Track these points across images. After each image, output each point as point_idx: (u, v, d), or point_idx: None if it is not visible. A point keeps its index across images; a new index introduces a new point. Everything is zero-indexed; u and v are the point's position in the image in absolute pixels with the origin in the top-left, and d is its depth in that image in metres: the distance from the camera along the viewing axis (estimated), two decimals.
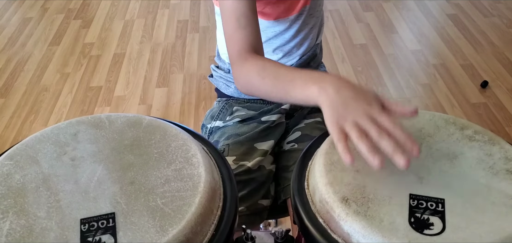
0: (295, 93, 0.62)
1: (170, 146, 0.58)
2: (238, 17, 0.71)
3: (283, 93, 0.65)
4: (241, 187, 0.82)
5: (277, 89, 0.65)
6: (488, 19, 2.59)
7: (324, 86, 0.57)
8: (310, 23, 0.92)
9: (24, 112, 2.02)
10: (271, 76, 0.66)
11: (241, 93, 0.94)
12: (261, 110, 0.92)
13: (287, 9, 0.88)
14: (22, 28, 2.65)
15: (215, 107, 0.98)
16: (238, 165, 0.84)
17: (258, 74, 0.67)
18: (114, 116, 0.63)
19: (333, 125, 0.54)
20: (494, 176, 0.55)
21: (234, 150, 0.86)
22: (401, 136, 0.51)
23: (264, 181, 0.86)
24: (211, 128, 0.95)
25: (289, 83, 0.63)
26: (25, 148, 0.58)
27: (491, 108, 1.96)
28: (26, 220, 0.49)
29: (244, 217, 0.82)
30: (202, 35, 2.54)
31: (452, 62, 2.25)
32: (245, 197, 0.82)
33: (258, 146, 0.88)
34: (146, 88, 2.15)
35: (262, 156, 0.86)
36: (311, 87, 0.59)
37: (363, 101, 0.54)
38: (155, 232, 0.47)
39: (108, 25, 2.67)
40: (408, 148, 0.50)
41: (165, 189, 0.52)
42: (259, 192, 0.85)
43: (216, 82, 0.99)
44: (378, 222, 0.49)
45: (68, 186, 0.53)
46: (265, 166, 0.87)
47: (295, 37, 0.91)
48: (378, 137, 0.51)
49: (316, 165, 0.58)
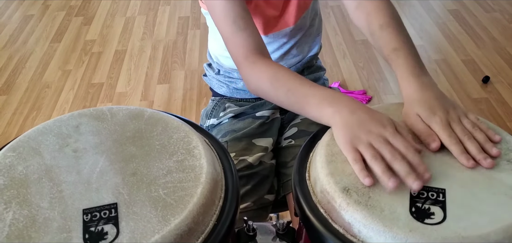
0: (309, 110, 0.62)
1: (172, 138, 0.59)
2: (234, 19, 0.70)
3: (297, 108, 0.65)
4: (244, 182, 0.83)
5: (291, 102, 0.65)
6: (489, 14, 2.59)
7: (339, 108, 0.58)
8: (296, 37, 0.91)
9: (26, 109, 2.02)
10: (285, 88, 0.65)
11: (234, 93, 0.94)
12: (253, 104, 0.92)
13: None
14: (24, 26, 2.66)
15: (209, 105, 0.98)
16: (238, 160, 0.84)
17: (271, 83, 0.66)
18: (116, 109, 0.63)
19: (347, 145, 0.54)
20: (495, 167, 0.55)
21: (233, 146, 0.86)
22: (414, 159, 0.52)
23: (267, 175, 0.86)
24: (207, 127, 0.95)
25: (303, 99, 0.63)
26: (28, 140, 0.58)
27: (493, 103, 1.96)
28: (29, 210, 0.49)
29: (252, 212, 0.82)
30: (203, 31, 2.54)
31: (454, 57, 2.25)
32: (250, 192, 0.83)
33: (257, 142, 0.88)
34: (148, 84, 2.15)
35: (262, 152, 0.86)
36: (326, 108, 0.59)
37: (377, 122, 0.55)
38: (157, 222, 0.48)
39: (110, 22, 2.67)
40: (421, 172, 0.51)
41: (167, 180, 0.52)
42: (264, 187, 0.85)
43: (209, 81, 0.99)
44: (379, 211, 0.49)
45: (70, 177, 0.53)
46: (266, 161, 0.87)
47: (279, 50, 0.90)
48: (392, 158, 0.51)
49: (317, 156, 0.58)
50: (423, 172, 0.51)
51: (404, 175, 0.50)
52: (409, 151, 0.52)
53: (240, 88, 0.93)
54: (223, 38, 0.73)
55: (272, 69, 0.67)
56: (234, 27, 0.70)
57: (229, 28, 0.70)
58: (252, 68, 0.69)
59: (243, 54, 0.70)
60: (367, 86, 2.09)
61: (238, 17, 0.70)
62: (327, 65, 2.23)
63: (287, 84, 0.65)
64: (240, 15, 0.70)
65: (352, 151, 0.53)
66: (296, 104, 0.64)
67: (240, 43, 0.70)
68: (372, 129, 0.54)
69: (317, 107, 0.60)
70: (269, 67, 0.68)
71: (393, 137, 0.54)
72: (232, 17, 0.70)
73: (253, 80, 0.69)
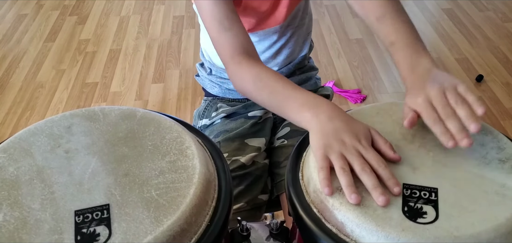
0: (289, 113, 0.62)
1: (165, 138, 0.58)
2: (220, 20, 0.70)
3: (278, 110, 0.65)
4: (237, 182, 0.83)
5: (272, 104, 0.65)
6: (483, 13, 2.60)
7: (317, 113, 0.58)
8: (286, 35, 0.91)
9: (20, 109, 2.01)
10: (267, 90, 0.65)
11: (226, 93, 0.94)
12: (245, 104, 0.92)
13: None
14: (17, 25, 2.64)
15: (201, 106, 0.98)
16: (231, 160, 0.84)
17: (254, 83, 0.67)
18: (108, 109, 0.63)
19: (319, 151, 0.54)
20: (487, 166, 0.55)
21: (226, 146, 0.86)
22: (384, 173, 0.52)
23: (261, 175, 0.86)
24: (200, 127, 0.95)
25: (284, 102, 0.63)
26: (19, 141, 0.58)
27: (487, 102, 1.97)
28: (20, 212, 0.48)
29: (245, 212, 0.82)
30: (198, 30, 2.54)
31: (448, 56, 2.26)
32: (243, 192, 0.82)
33: (250, 142, 0.88)
34: (142, 83, 2.15)
35: (255, 152, 0.86)
36: (305, 112, 0.59)
37: (352, 134, 0.55)
38: (149, 223, 0.47)
39: (104, 21, 2.66)
40: (390, 185, 0.51)
41: (160, 181, 0.52)
42: (257, 187, 0.85)
43: (202, 81, 0.99)
44: (372, 211, 0.49)
45: (62, 178, 0.53)
46: (259, 161, 0.87)
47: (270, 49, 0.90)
48: (361, 171, 0.52)
49: (310, 156, 0.58)
50: (393, 186, 0.51)
51: (371, 188, 0.50)
52: (380, 166, 0.52)
53: (232, 89, 0.93)
54: (211, 38, 0.73)
55: (256, 70, 0.68)
56: (220, 28, 0.70)
57: (216, 28, 0.71)
58: (238, 69, 0.69)
59: (229, 54, 0.70)
60: (362, 85, 2.10)
61: (224, 18, 0.70)
62: (322, 64, 2.23)
63: (270, 85, 0.65)
64: (226, 16, 0.70)
65: (322, 159, 0.53)
66: (278, 106, 0.64)
67: (226, 43, 0.70)
68: (346, 139, 0.54)
69: (297, 111, 0.61)
70: (253, 68, 0.68)
71: (366, 151, 0.54)
72: (218, 18, 0.70)
73: (237, 80, 0.70)
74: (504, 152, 0.57)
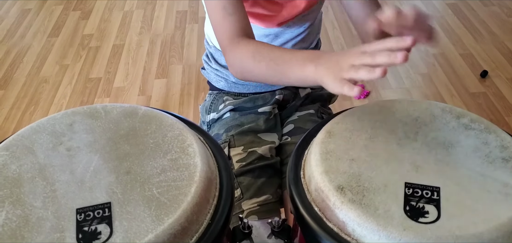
0: (292, 73, 0.63)
1: (166, 136, 0.58)
2: (224, 5, 0.71)
3: (280, 75, 0.65)
4: (258, 174, 0.82)
5: (273, 71, 0.66)
6: (488, 8, 2.58)
7: (320, 62, 0.59)
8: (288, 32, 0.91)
9: (24, 104, 2.02)
10: (267, 59, 0.66)
11: (232, 87, 0.94)
12: (251, 97, 0.92)
13: None
14: (21, 20, 2.64)
15: (207, 100, 0.98)
16: (248, 152, 0.84)
17: (253, 58, 0.68)
18: (110, 106, 0.63)
19: (335, 83, 0.56)
20: (490, 165, 0.55)
21: (240, 140, 0.86)
22: (391, 43, 0.53)
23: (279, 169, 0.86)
24: (209, 122, 0.95)
25: (285, 64, 0.64)
26: (21, 139, 0.58)
27: (491, 98, 1.95)
28: (22, 210, 0.49)
29: (271, 204, 0.81)
30: (201, 25, 2.53)
31: (452, 51, 2.24)
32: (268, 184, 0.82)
33: (263, 136, 0.88)
34: (146, 79, 2.15)
35: (270, 145, 0.86)
36: (308, 66, 0.60)
37: (350, 51, 0.57)
38: (151, 221, 0.47)
39: (107, 16, 2.66)
40: (402, 45, 0.52)
41: (161, 179, 0.52)
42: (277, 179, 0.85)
43: (207, 75, 0.98)
44: (373, 210, 0.49)
45: (64, 176, 0.53)
46: (273, 155, 0.87)
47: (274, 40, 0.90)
48: (373, 57, 0.53)
49: (312, 154, 0.58)
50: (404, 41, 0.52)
51: (388, 60, 0.52)
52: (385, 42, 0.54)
53: (238, 82, 0.92)
54: (213, 25, 0.74)
55: (254, 45, 0.69)
56: (223, 13, 0.71)
57: (219, 14, 0.72)
58: (236, 48, 0.70)
59: (228, 37, 0.71)
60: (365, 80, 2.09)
61: (228, 4, 0.71)
62: None
63: (269, 55, 0.66)
64: (230, 1, 0.71)
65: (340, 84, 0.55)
66: (279, 72, 0.65)
67: (227, 27, 0.71)
68: (348, 55, 0.56)
69: (300, 68, 0.62)
70: (252, 44, 0.70)
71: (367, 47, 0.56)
72: (222, 4, 0.71)
73: (237, 60, 0.71)
74: (507, 151, 0.56)
